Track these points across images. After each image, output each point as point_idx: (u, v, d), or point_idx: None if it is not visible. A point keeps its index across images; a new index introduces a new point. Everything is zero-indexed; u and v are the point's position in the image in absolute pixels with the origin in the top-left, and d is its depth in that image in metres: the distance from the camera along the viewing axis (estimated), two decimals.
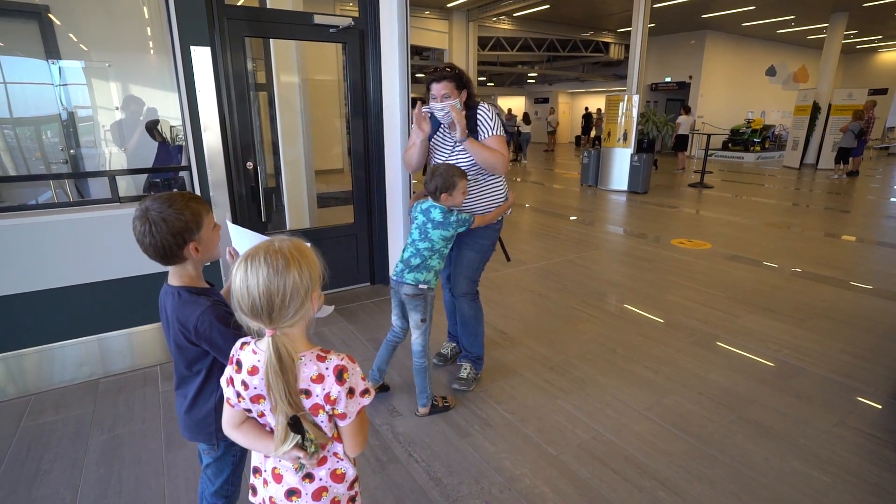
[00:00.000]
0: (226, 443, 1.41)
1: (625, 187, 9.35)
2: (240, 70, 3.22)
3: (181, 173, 3.03)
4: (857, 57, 20.68)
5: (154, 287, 2.65)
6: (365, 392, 1.02)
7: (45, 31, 2.89)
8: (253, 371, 1.00)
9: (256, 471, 1.14)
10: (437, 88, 2.30)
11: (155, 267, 2.66)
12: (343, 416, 1.01)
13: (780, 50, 18.67)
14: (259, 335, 0.98)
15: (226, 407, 1.07)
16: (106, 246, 2.60)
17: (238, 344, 1.05)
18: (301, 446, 1.01)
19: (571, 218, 7.15)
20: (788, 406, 2.51)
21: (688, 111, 13.17)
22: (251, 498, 1.16)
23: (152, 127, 3.21)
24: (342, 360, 1.00)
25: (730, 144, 16.27)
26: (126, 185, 3.10)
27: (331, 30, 3.48)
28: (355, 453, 1.09)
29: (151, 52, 3.17)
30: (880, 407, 2.50)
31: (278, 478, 1.09)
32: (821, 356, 3.02)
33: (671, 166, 13.20)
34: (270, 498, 1.09)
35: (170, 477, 2.02)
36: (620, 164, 9.41)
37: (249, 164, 3.33)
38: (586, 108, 20.70)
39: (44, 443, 2.23)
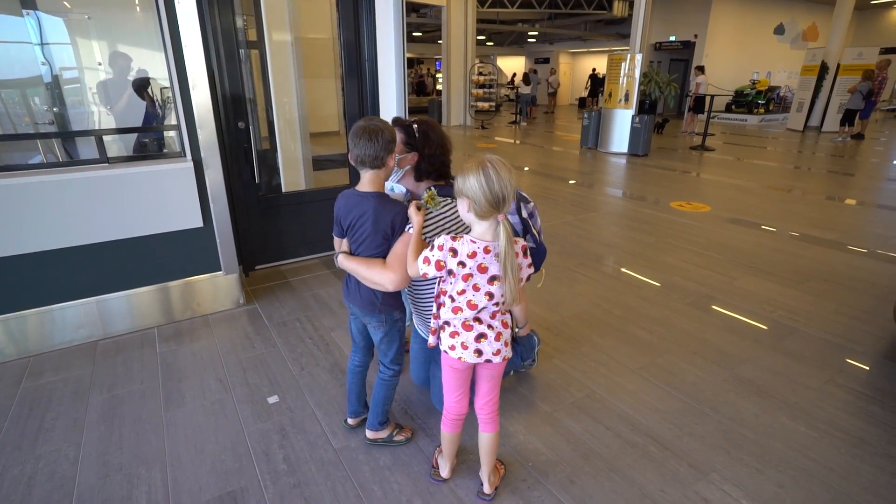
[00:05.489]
0: (392, 319, 1.75)
1: (625, 150, 9.22)
2: (228, 26, 3.10)
3: (171, 133, 2.96)
4: (870, 14, 19.96)
5: (149, 250, 2.64)
6: (530, 265, 1.52)
7: None
8: (472, 255, 1.42)
9: (442, 327, 1.56)
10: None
11: (148, 229, 2.62)
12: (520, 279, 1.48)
13: (790, 6, 18.01)
14: (464, 233, 1.45)
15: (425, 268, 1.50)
16: (97, 207, 2.57)
17: (448, 237, 1.44)
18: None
19: (570, 181, 7.08)
20: (781, 365, 2.54)
21: (702, 70, 12.66)
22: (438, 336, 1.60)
23: (140, 86, 3.11)
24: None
25: (733, 106, 15.94)
26: (118, 147, 3.04)
27: None
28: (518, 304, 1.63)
29: (137, 6, 3.05)
30: (868, 368, 2.53)
31: (468, 327, 1.51)
32: (815, 317, 3.04)
33: (675, 129, 12.98)
34: (462, 343, 1.52)
35: (169, 434, 2.05)
36: (621, 125, 9.25)
37: (241, 124, 3.26)
38: (593, 70, 20.03)
39: (45, 402, 2.26)
